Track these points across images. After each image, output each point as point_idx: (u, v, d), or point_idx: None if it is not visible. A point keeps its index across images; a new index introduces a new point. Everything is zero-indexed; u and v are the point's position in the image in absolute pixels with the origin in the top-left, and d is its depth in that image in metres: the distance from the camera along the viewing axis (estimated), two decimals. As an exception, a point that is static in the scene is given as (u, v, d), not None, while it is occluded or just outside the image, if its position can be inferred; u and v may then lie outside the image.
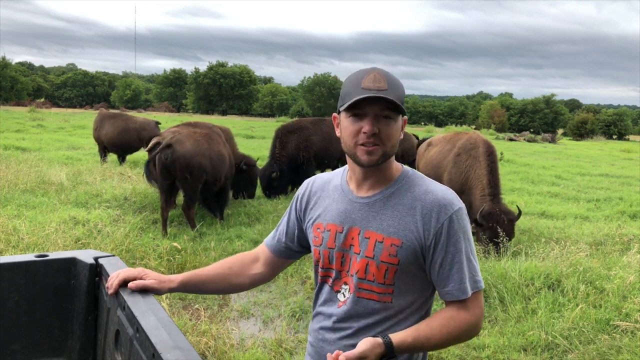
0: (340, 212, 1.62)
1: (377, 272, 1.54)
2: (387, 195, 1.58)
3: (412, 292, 1.59)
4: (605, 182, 14.53)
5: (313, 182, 1.78)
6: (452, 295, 1.54)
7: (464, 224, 1.55)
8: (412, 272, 1.56)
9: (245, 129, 28.19)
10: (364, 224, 1.57)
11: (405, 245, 1.52)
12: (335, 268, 1.63)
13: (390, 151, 1.54)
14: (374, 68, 1.54)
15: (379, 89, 1.47)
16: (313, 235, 1.68)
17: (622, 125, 62.48)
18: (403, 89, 1.55)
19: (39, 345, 1.97)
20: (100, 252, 2.07)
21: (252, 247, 6.26)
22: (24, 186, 8.71)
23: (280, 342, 4.10)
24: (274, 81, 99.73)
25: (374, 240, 1.54)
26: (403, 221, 1.54)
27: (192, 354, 1.35)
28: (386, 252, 1.53)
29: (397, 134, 1.55)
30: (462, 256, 1.53)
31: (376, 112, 1.49)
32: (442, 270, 1.53)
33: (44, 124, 24.69)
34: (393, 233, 1.53)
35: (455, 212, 1.53)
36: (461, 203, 1.58)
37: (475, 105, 78.94)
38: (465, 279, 1.53)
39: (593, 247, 6.83)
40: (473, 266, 1.55)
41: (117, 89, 79.56)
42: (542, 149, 29.05)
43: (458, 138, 7.51)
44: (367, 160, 1.53)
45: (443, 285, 1.55)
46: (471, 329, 1.54)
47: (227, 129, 8.87)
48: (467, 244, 1.55)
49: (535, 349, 4.09)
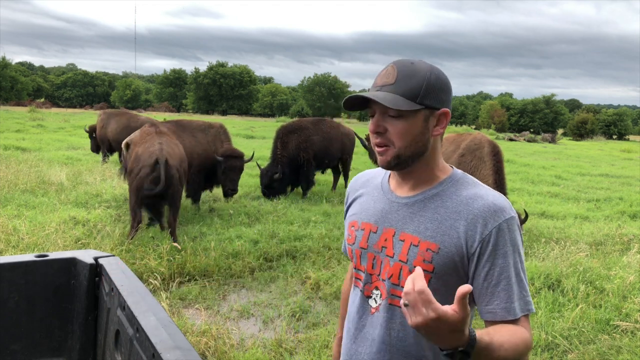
0: (377, 212, 1.51)
1: None
2: (430, 197, 1.44)
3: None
4: (605, 182, 14.54)
5: (358, 179, 1.69)
6: (496, 314, 1.34)
7: (515, 235, 1.37)
8: (450, 284, 1.36)
9: (245, 129, 28.19)
10: (400, 225, 1.44)
11: (442, 252, 1.37)
12: (365, 270, 1.50)
13: (405, 152, 1.40)
14: (396, 60, 1.42)
15: (383, 85, 1.38)
16: (347, 233, 1.59)
17: (622, 125, 62.51)
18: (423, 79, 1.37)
19: (39, 345, 1.97)
20: (100, 252, 2.07)
21: (252, 247, 6.26)
22: (24, 186, 8.71)
23: (280, 342, 4.10)
24: (274, 81, 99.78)
25: (409, 244, 1.41)
26: (443, 225, 1.39)
27: (192, 354, 1.35)
28: (420, 257, 1.38)
29: (413, 132, 1.39)
30: (510, 271, 1.34)
31: (381, 110, 1.39)
32: (487, 285, 1.35)
33: (44, 124, 24.69)
34: (430, 237, 1.39)
35: (507, 221, 1.36)
36: (514, 212, 1.40)
37: (475, 105, 78.99)
38: (514, 298, 1.34)
39: (593, 247, 6.83)
40: (523, 285, 1.36)
41: (117, 89, 79.56)
42: (542, 149, 29.06)
43: (462, 139, 7.50)
44: (381, 162, 1.44)
45: (486, 302, 1.36)
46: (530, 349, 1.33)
47: (214, 124, 8.72)
48: (518, 258, 1.37)
49: (535, 349, 4.09)
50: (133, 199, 6.21)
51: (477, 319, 3.52)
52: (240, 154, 8.39)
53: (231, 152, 8.33)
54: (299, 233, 6.92)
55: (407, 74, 1.37)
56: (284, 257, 6.14)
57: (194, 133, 8.40)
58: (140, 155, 6.22)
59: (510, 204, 1.41)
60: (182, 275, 5.38)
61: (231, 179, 8.35)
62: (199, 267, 5.52)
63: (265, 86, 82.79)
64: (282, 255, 6.19)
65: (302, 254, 6.28)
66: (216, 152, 8.24)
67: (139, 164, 6.17)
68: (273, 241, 6.55)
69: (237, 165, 8.34)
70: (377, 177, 1.61)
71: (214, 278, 5.45)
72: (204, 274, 5.50)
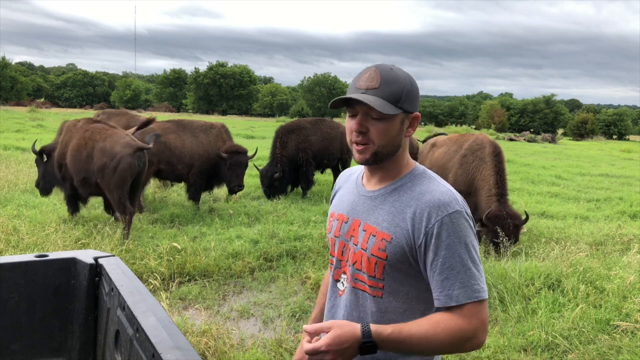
0: (349, 204, 1.68)
1: (368, 264, 1.56)
2: (389, 191, 1.59)
3: (405, 290, 1.55)
4: (605, 182, 14.54)
5: (343, 174, 1.86)
6: (440, 301, 1.47)
7: (460, 227, 1.46)
8: (403, 270, 1.52)
9: (245, 129, 28.17)
10: (365, 216, 1.60)
11: (394, 242, 1.51)
12: (336, 256, 1.68)
13: (383, 150, 1.54)
14: (375, 65, 1.54)
15: (367, 88, 1.49)
16: (327, 223, 1.76)
17: (622, 125, 62.46)
18: (402, 85, 1.51)
19: (39, 345, 1.97)
20: (100, 252, 2.07)
21: (252, 247, 6.26)
22: (24, 186, 8.71)
23: (280, 342, 4.10)
24: (273, 81, 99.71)
25: (369, 234, 1.57)
26: (397, 217, 1.52)
27: (192, 354, 1.35)
28: (376, 246, 1.53)
29: (392, 132, 1.52)
30: (454, 260, 1.44)
31: (365, 111, 1.51)
32: (433, 274, 1.47)
33: (44, 124, 24.70)
34: (385, 228, 1.53)
35: (450, 215, 1.46)
36: (461, 206, 1.50)
37: (475, 105, 78.87)
38: (456, 286, 1.44)
39: (593, 247, 6.83)
40: (471, 274, 1.45)
41: (117, 89, 79.45)
42: (542, 149, 29.05)
43: (464, 139, 7.50)
44: (359, 159, 1.56)
45: (433, 289, 1.49)
46: (465, 338, 1.43)
47: (215, 124, 8.71)
48: (463, 248, 1.45)
49: (535, 349, 4.09)
50: (118, 192, 6.31)
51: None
52: (244, 150, 8.49)
53: (235, 148, 8.41)
54: (299, 233, 6.92)
55: (389, 79, 1.50)
56: (284, 257, 6.14)
57: (195, 133, 8.40)
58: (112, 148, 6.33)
59: (457, 199, 1.50)
60: (182, 275, 5.38)
61: (237, 174, 8.39)
62: (199, 267, 5.51)
63: (265, 86, 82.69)
64: (282, 255, 6.19)
65: (302, 254, 6.28)
66: (220, 150, 8.28)
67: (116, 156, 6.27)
68: (273, 241, 6.54)
69: (242, 161, 8.39)
70: (355, 173, 1.77)
71: (214, 278, 5.45)
72: (204, 274, 5.50)
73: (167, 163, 8.05)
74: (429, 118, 76.75)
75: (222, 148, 8.32)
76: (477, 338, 1.45)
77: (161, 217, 7.53)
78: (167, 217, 7.51)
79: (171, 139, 8.14)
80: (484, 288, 1.47)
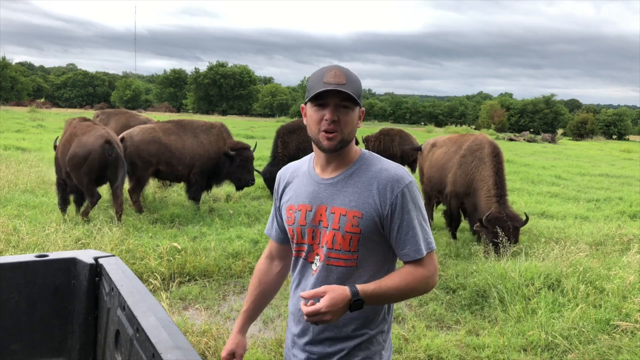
0: (309, 194, 1.84)
1: (343, 241, 1.77)
2: (348, 175, 1.80)
3: (374, 256, 1.81)
4: (605, 182, 14.54)
5: (285, 171, 2.01)
6: (409, 256, 1.76)
7: (415, 195, 1.78)
8: (374, 239, 1.78)
9: (245, 129, 28.19)
10: (329, 201, 1.80)
11: (365, 216, 1.74)
12: (307, 242, 1.85)
13: (347, 137, 1.76)
14: (335, 65, 1.77)
15: (338, 84, 1.69)
16: (286, 216, 1.90)
17: (622, 125, 62.43)
18: (360, 84, 1.78)
19: (39, 345, 1.97)
20: (100, 252, 2.07)
21: (252, 247, 6.26)
22: (24, 186, 8.72)
23: (280, 342, 4.10)
24: (273, 81, 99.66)
25: (339, 215, 1.77)
26: (363, 196, 1.76)
27: (192, 354, 1.35)
28: (349, 224, 1.75)
29: (354, 122, 1.77)
30: (415, 222, 1.76)
31: (336, 102, 1.71)
32: (399, 235, 1.76)
33: (44, 124, 24.69)
34: (354, 207, 1.76)
35: (407, 186, 1.76)
36: (411, 177, 1.80)
37: (475, 105, 78.81)
38: (420, 242, 1.76)
39: (593, 247, 6.83)
40: (425, 230, 1.78)
41: (117, 89, 79.44)
42: (542, 149, 29.05)
43: (464, 140, 7.50)
44: (328, 145, 1.74)
45: (400, 248, 1.77)
46: (427, 282, 1.76)
47: (215, 124, 8.75)
48: (419, 212, 1.78)
49: (535, 349, 4.09)
50: (86, 179, 6.93)
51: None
52: (248, 145, 8.78)
53: (241, 144, 8.64)
54: (299, 233, 6.91)
55: (351, 77, 1.74)
56: (284, 257, 6.13)
57: (195, 134, 8.41)
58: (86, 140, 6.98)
59: (407, 172, 1.82)
60: (182, 275, 5.38)
61: (248, 170, 8.58)
62: (199, 267, 5.51)
63: (265, 86, 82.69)
64: (282, 255, 6.18)
65: (302, 254, 6.27)
66: (227, 148, 8.35)
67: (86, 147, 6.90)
68: (273, 241, 6.54)
69: (250, 156, 8.62)
70: (303, 167, 1.94)
71: (214, 278, 5.45)
72: (204, 274, 5.50)
73: (167, 164, 8.05)
74: (429, 118, 76.74)
75: (229, 146, 8.41)
76: (433, 280, 1.79)
77: (161, 217, 7.53)
78: (167, 217, 7.51)
79: (172, 140, 8.14)
80: (433, 240, 1.83)
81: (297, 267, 1.92)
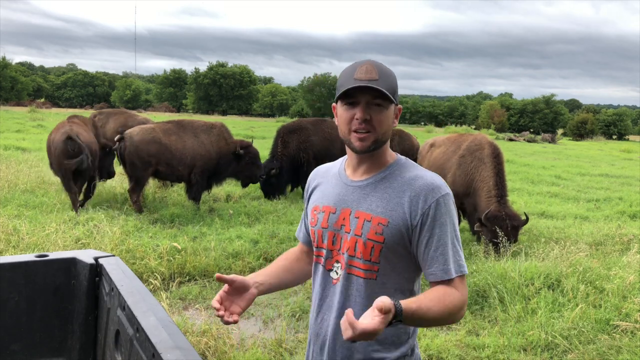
0: (335, 195, 1.72)
1: (364, 249, 1.61)
2: (379, 179, 1.66)
3: (397, 272, 1.64)
4: (605, 182, 14.54)
5: (317, 172, 1.90)
6: (436, 275, 1.57)
7: (450, 209, 1.60)
8: (398, 252, 1.61)
9: (245, 129, 28.19)
10: (355, 205, 1.66)
11: (391, 225, 1.59)
12: (326, 247, 1.71)
13: (382, 137, 1.62)
14: (367, 60, 1.62)
15: (370, 79, 1.55)
16: (310, 217, 1.79)
17: (622, 125, 62.43)
18: (395, 79, 1.63)
19: (39, 345, 1.97)
20: (100, 252, 2.07)
21: (252, 247, 6.26)
22: (24, 186, 8.72)
23: (280, 342, 4.10)
24: (273, 81, 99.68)
25: (363, 220, 1.63)
26: (392, 203, 1.61)
27: (192, 354, 1.35)
28: (373, 231, 1.60)
29: (389, 121, 1.63)
30: (447, 239, 1.58)
31: (368, 100, 1.58)
32: (427, 250, 1.58)
33: (44, 124, 24.66)
34: (381, 213, 1.61)
35: (443, 197, 1.59)
36: (449, 189, 1.63)
37: (475, 105, 78.81)
38: (450, 262, 1.57)
39: (593, 247, 6.83)
40: (457, 251, 1.60)
41: (117, 89, 79.47)
42: (542, 149, 29.05)
43: (463, 139, 7.50)
44: (360, 146, 1.61)
45: (428, 266, 1.59)
46: (460, 308, 1.56)
47: (215, 124, 8.80)
48: (452, 228, 1.60)
49: (535, 349, 4.09)
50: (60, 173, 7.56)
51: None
52: (250, 142, 9.00)
53: (247, 142, 8.85)
54: (299, 233, 6.91)
55: (384, 73, 1.60)
56: (284, 257, 6.13)
57: (196, 134, 8.42)
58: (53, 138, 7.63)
59: (444, 183, 1.64)
60: (182, 275, 5.38)
61: (258, 165, 8.86)
62: (199, 267, 5.51)
63: (265, 86, 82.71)
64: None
65: (302, 254, 6.27)
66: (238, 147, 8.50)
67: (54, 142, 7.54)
68: (273, 241, 6.54)
69: (257, 151, 8.88)
70: (334, 168, 1.83)
71: (214, 278, 5.45)
72: (204, 274, 5.50)
73: (167, 164, 8.06)
74: (429, 118, 76.71)
75: (239, 145, 8.56)
76: (464, 309, 1.58)
77: (161, 217, 7.53)
78: (167, 217, 7.51)
79: (172, 141, 8.14)
80: (465, 264, 1.62)
81: (318, 276, 1.77)
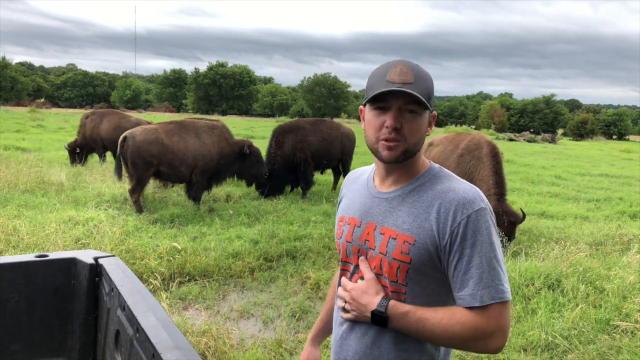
0: (361, 207, 1.58)
1: (390, 269, 1.46)
2: (408, 192, 1.50)
3: (428, 293, 1.47)
4: (605, 182, 14.54)
5: (348, 177, 1.77)
6: (464, 301, 1.39)
7: (486, 225, 1.41)
8: (427, 273, 1.45)
9: (245, 129, 28.20)
10: (381, 219, 1.51)
11: (418, 244, 1.42)
12: (353, 262, 1.58)
13: (413, 148, 1.47)
14: (402, 60, 1.47)
15: (404, 82, 1.40)
16: (336, 228, 1.66)
17: (622, 125, 62.49)
18: (431, 82, 1.47)
19: (39, 345, 1.97)
20: (100, 252, 2.07)
21: (252, 247, 6.26)
22: (24, 186, 8.71)
23: (280, 342, 4.10)
24: (273, 81, 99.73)
25: (388, 237, 1.47)
26: (419, 219, 1.44)
27: (192, 354, 1.35)
28: (399, 250, 1.44)
29: (422, 130, 1.47)
30: (480, 260, 1.38)
31: (400, 105, 1.42)
32: (457, 273, 1.40)
33: (44, 124, 24.68)
34: (407, 230, 1.44)
35: (476, 212, 1.40)
36: (485, 203, 1.44)
37: (475, 105, 78.90)
38: (481, 286, 1.37)
39: (593, 247, 6.83)
40: (496, 274, 1.38)
41: (117, 89, 79.50)
42: (542, 149, 29.06)
43: (461, 139, 7.50)
44: (388, 156, 1.46)
45: (457, 289, 1.42)
46: (479, 337, 1.37)
47: (216, 124, 8.83)
48: (488, 247, 1.39)
49: (535, 349, 4.08)
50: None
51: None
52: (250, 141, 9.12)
53: (248, 142, 8.93)
54: (299, 233, 6.92)
55: (420, 75, 1.44)
56: (284, 257, 6.14)
57: (198, 134, 8.43)
58: None
59: (481, 196, 1.44)
60: (182, 275, 5.38)
61: (262, 163, 9.04)
62: (199, 267, 5.51)
63: (265, 86, 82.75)
64: (282, 255, 6.19)
65: (302, 254, 6.27)
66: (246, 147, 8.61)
67: None
68: (273, 241, 6.54)
69: (259, 150, 9.01)
70: (365, 174, 1.68)
71: (214, 278, 5.45)
72: (204, 274, 5.50)
73: (169, 165, 8.06)
74: (429, 118, 76.59)
75: (243, 146, 8.65)
76: (492, 340, 1.37)
77: (161, 217, 7.53)
78: (167, 217, 7.51)
79: (174, 142, 8.15)
80: (508, 289, 1.40)
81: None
